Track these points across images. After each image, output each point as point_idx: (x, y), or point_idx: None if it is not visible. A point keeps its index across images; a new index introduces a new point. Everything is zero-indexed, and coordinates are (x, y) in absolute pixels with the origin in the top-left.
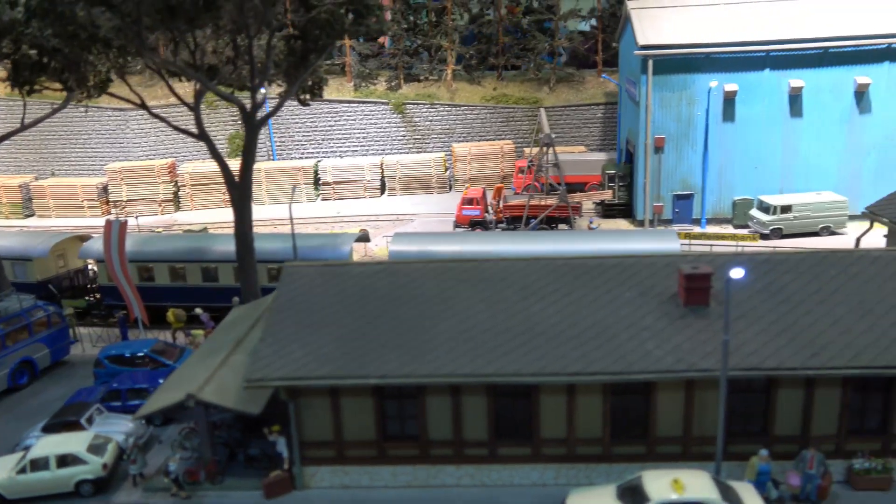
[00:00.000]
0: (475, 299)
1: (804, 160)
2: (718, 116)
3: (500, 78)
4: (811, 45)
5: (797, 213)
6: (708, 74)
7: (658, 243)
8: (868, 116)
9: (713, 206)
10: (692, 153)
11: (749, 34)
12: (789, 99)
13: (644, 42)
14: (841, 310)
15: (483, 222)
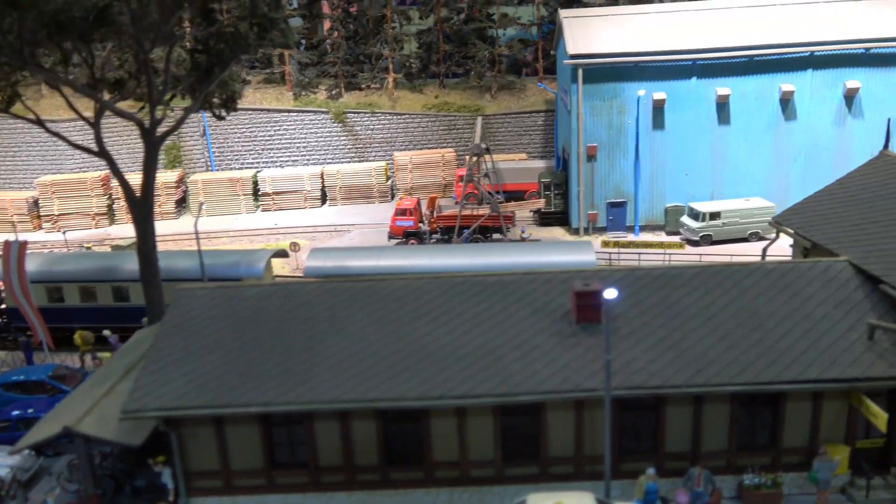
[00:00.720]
0: (367, 321)
1: (733, 167)
2: (648, 124)
3: (443, 86)
4: (736, 53)
5: (726, 220)
6: (637, 83)
7: (573, 255)
8: (794, 123)
9: (646, 213)
10: (624, 161)
11: (677, 43)
12: (717, 107)
13: (574, 51)
14: (731, 324)
15: (417, 233)
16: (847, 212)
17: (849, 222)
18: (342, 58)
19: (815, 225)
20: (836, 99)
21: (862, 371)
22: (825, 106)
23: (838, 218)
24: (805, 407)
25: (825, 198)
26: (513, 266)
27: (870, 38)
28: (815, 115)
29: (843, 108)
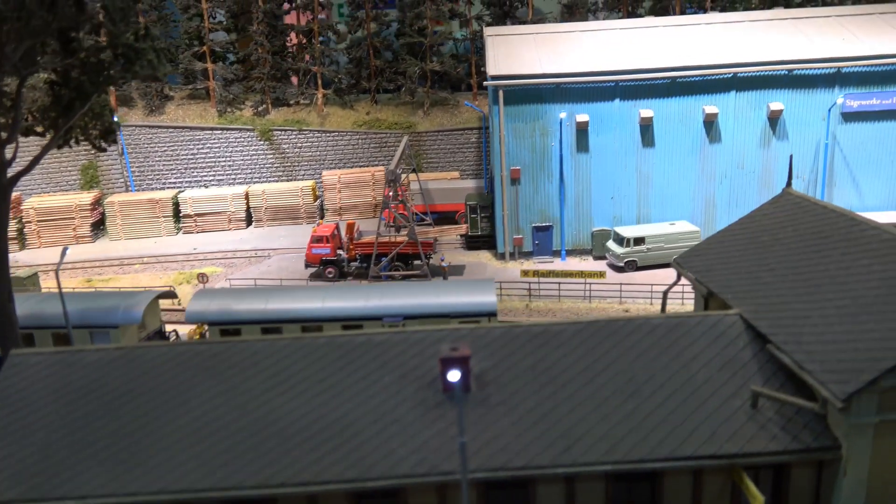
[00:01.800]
0: (216, 391)
1: (659, 190)
2: (572, 147)
3: (374, 102)
4: (659, 74)
5: (651, 245)
6: (560, 105)
7: (473, 296)
8: (718, 145)
9: (573, 237)
10: (549, 184)
11: (599, 64)
12: (640, 129)
13: (494, 72)
14: (607, 391)
15: (335, 261)
16: (744, 256)
17: (744, 269)
18: (267, 73)
19: (712, 270)
20: (760, 121)
21: (741, 446)
22: (749, 128)
23: (735, 263)
24: (685, 483)
25: (727, 238)
26: (407, 309)
27: (792, 59)
28: (740, 137)
29: (767, 129)
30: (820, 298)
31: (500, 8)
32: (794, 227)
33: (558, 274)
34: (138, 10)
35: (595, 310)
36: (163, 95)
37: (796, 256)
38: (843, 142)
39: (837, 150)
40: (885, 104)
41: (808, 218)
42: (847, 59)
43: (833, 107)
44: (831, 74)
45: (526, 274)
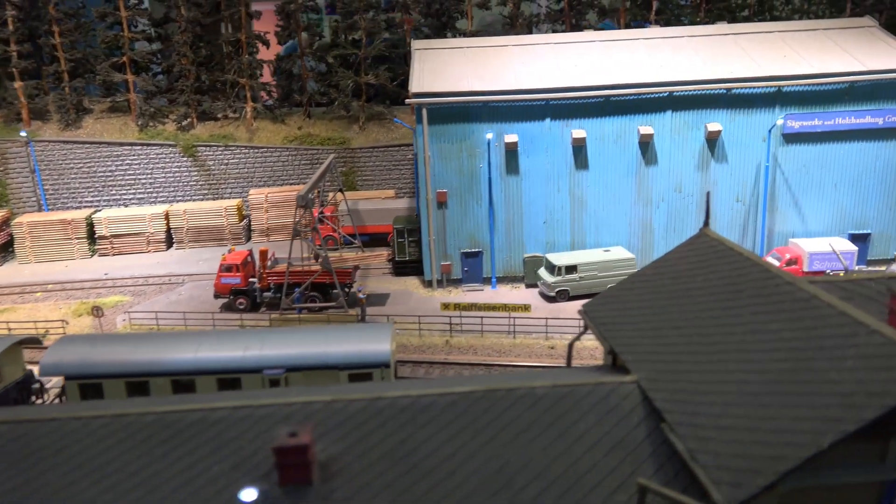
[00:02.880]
0: (6, 487)
1: (593, 214)
2: (502, 169)
3: (308, 116)
4: (591, 93)
5: (583, 274)
6: (488, 124)
7: (364, 345)
8: (654, 168)
9: (504, 263)
10: (478, 208)
11: (529, 82)
12: (573, 150)
13: (417, 89)
14: (474, 481)
15: (246, 291)
16: (652, 308)
17: (651, 324)
18: (191, 86)
19: (618, 322)
20: (698, 142)
21: None
22: (687, 149)
23: (642, 316)
24: None
25: (637, 285)
26: (289, 360)
27: (730, 78)
28: (677, 159)
29: (705, 151)
30: (722, 370)
31: (439, 19)
32: (707, 276)
33: (481, 307)
34: (52, 19)
35: (519, 346)
36: (81, 108)
37: (704, 313)
38: (784, 164)
39: (779, 173)
40: (827, 125)
41: (722, 266)
42: (787, 78)
43: (773, 128)
44: (772, 94)
45: (446, 308)
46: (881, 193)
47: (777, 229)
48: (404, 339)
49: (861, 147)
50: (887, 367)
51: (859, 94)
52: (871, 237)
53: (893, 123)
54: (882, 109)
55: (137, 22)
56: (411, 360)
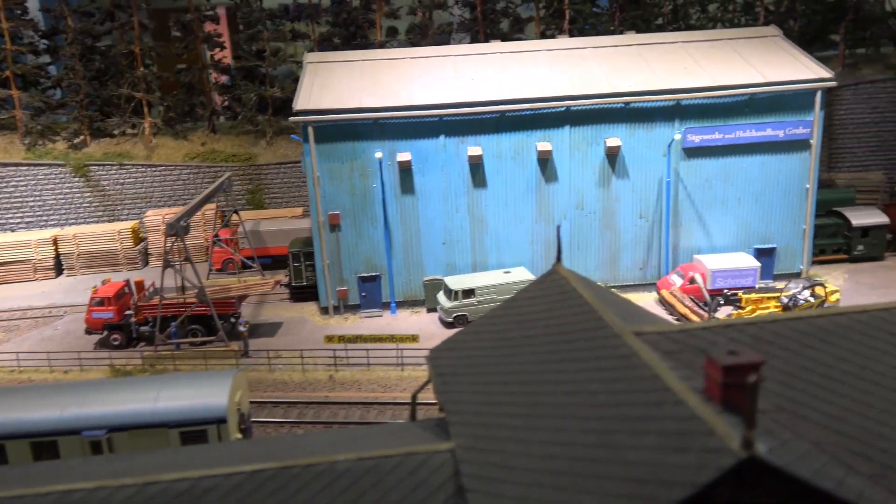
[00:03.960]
0: None
1: (494, 234)
2: (396, 188)
3: (213, 131)
4: (486, 108)
5: (482, 298)
6: (379, 142)
7: (198, 398)
8: (555, 185)
9: (403, 287)
10: (373, 230)
11: (421, 97)
12: (470, 168)
13: (304, 105)
14: None
15: (121, 326)
16: (490, 359)
17: (484, 377)
18: (80, 102)
19: (458, 374)
20: (598, 158)
21: None
22: (587, 165)
23: (480, 367)
24: None
25: (484, 328)
26: (112, 418)
27: (628, 91)
28: (577, 176)
29: (606, 167)
30: (534, 439)
31: (347, 29)
32: (547, 322)
33: (367, 339)
34: None
35: (406, 379)
36: None
37: (535, 367)
38: (686, 179)
39: (681, 188)
40: (728, 139)
41: (562, 311)
42: (686, 91)
43: (672, 142)
44: (671, 107)
45: (330, 340)
46: (785, 207)
47: (682, 245)
48: (286, 376)
49: (763, 160)
50: (686, 447)
51: (760, 107)
52: (777, 251)
53: (795, 136)
54: (783, 122)
55: (23, 34)
56: (286, 400)
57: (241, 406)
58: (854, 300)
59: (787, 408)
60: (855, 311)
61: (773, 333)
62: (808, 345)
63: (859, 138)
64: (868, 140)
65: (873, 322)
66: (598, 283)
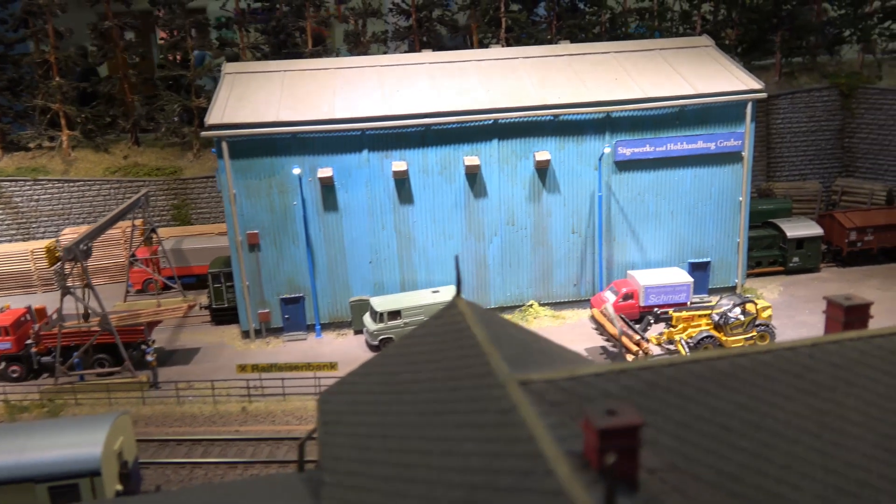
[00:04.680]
0: None
1: (423, 251)
2: (318, 205)
3: (136, 144)
4: (410, 122)
5: (409, 319)
6: (298, 157)
7: (68, 447)
8: (484, 200)
9: (329, 308)
10: (295, 249)
11: (344, 110)
12: (395, 183)
13: (217, 119)
14: None
15: (20, 357)
16: (376, 406)
17: (366, 429)
18: None
19: (341, 422)
20: (528, 172)
21: None
22: (516, 180)
23: (365, 416)
24: None
25: (377, 369)
26: None
27: (557, 104)
28: (507, 190)
29: (536, 181)
30: None
31: (276, 37)
32: (436, 366)
33: (282, 367)
34: None
35: None
36: None
37: (417, 419)
38: (619, 193)
39: (614, 202)
40: (659, 151)
41: (452, 353)
42: (616, 103)
43: (602, 156)
44: (601, 120)
45: (243, 370)
46: (719, 220)
47: (617, 260)
48: (195, 409)
49: (696, 173)
50: None
51: (691, 119)
52: (712, 265)
53: (726, 148)
54: (714, 134)
55: None
56: (191, 437)
57: (123, 453)
58: (788, 314)
59: (680, 465)
60: (758, 352)
61: (669, 379)
62: (706, 390)
63: (797, 147)
64: (805, 149)
65: (777, 363)
66: (531, 300)
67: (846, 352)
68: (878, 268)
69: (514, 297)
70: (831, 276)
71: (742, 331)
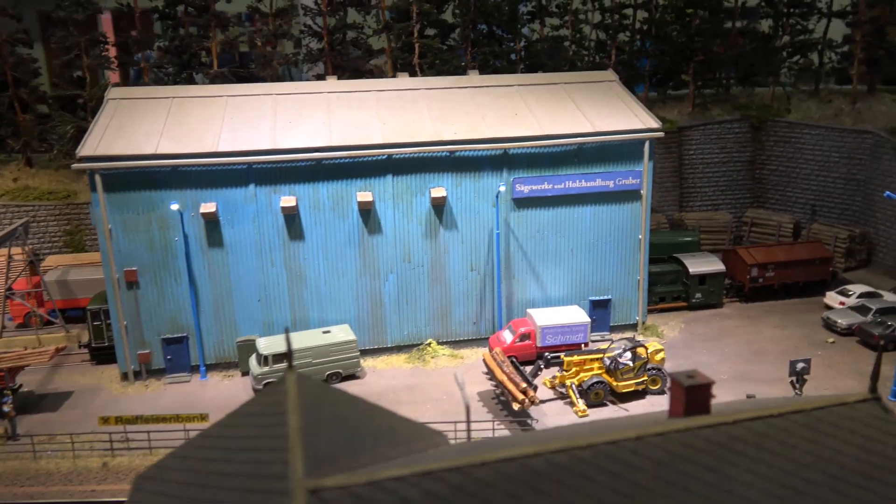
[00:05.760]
0: None
1: (315, 289)
2: (202, 241)
3: (29, 165)
4: (299, 156)
5: (296, 362)
6: (180, 191)
7: None
8: (379, 237)
9: (216, 349)
10: (177, 287)
11: (230, 142)
12: (285, 219)
13: (88, 151)
14: None
15: None
16: (181, 501)
17: None
18: None
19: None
20: (424, 208)
21: None
22: (412, 216)
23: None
24: None
25: (193, 453)
26: None
27: (452, 140)
28: (403, 227)
29: (433, 218)
30: None
31: (180, 56)
32: (243, 458)
33: (148, 420)
34: None
35: None
36: None
37: None
38: (518, 230)
39: (513, 240)
40: (557, 189)
41: (261, 444)
42: (513, 140)
43: (499, 194)
44: (498, 156)
45: (106, 422)
46: (619, 258)
47: (517, 298)
48: (52, 465)
49: (595, 211)
50: None
51: (589, 156)
52: (613, 303)
53: (625, 186)
54: (612, 172)
55: None
56: (40, 501)
57: None
58: (685, 354)
59: None
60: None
61: (477, 482)
62: (516, 496)
63: (709, 178)
64: (718, 180)
65: (597, 460)
66: (429, 339)
67: (671, 446)
68: (779, 304)
69: (412, 335)
70: (733, 313)
71: (633, 375)
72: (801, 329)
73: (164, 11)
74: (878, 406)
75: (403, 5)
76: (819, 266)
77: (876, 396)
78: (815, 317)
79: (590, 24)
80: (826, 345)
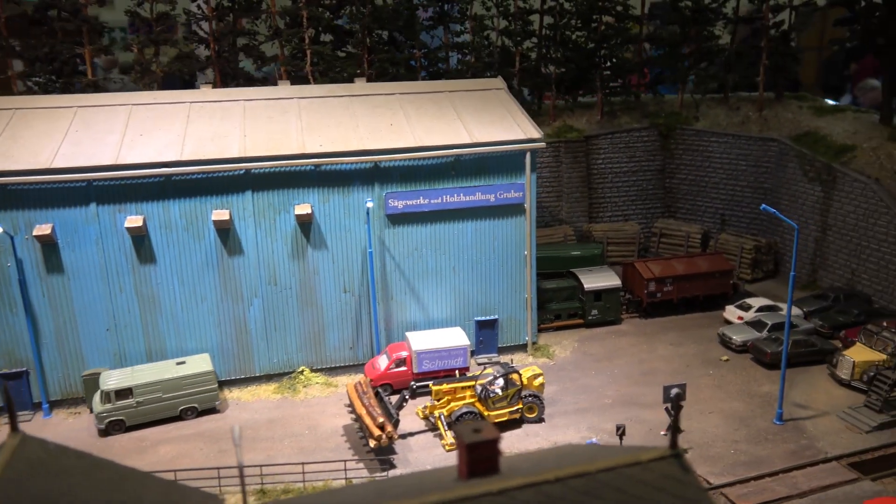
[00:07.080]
0: None
1: (170, 316)
2: (39, 267)
3: None
4: (147, 171)
5: (142, 398)
6: (9, 212)
7: None
8: (241, 258)
9: (61, 383)
10: (13, 317)
11: (68, 158)
12: (133, 240)
13: None
14: None
15: None
16: None
17: None
18: None
19: None
20: (289, 226)
21: None
22: (277, 235)
23: None
24: None
25: None
26: None
27: (317, 153)
28: (266, 247)
29: (299, 237)
30: None
31: (50, 64)
32: None
33: None
34: None
35: None
36: None
37: None
38: (393, 248)
39: (388, 258)
40: (434, 204)
41: None
42: (384, 152)
43: (369, 210)
44: (369, 170)
45: None
46: (504, 276)
47: (397, 320)
48: None
49: (476, 226)
50: None
51: (468, 169)
52: (500, 323)
53: (507, 200)
54: (493, 185)
55: None
56: None
57: None
58: (573, 376)
59: None
60: None
61: None
62: None
63: (619, 188)
64: (627, 190)
65: None
66: (302, 367)
67: None
68: (678, 319)
69: (283, 363)
70: (630, 330)
71: (506, 404)
72: (697, 346)
73: (33, 17)
74: (678, 464)
75: (293, 10)
76: (719, 279)
77: (676, 453)
78: (712, 332)
79: (495, 31)
80: (719, 363)
